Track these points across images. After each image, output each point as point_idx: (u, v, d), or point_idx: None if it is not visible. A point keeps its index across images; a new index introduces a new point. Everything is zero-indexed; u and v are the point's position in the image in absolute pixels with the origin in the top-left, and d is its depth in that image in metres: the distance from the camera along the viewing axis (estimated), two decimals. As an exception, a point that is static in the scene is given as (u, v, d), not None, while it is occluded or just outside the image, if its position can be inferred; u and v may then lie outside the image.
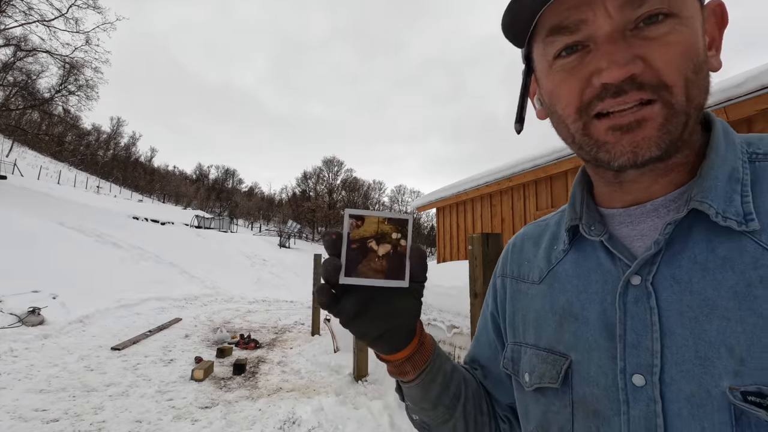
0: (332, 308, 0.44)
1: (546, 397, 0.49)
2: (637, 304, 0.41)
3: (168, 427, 3.49)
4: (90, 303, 7.95)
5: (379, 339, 0.47)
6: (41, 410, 3.69)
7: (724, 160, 0.42)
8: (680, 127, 0.39)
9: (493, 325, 0.64)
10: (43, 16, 19.40)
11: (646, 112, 0.39)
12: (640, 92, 0.38)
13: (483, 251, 2.20)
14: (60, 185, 33.34)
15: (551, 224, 0.59)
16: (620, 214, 0.47)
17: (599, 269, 0.47)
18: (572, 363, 0.46)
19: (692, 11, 0.40)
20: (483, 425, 0.61)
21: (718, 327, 0.37)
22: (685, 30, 0.39)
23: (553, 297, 0.51)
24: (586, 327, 0.46)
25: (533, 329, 0.53)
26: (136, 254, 13.14)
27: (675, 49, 0.38)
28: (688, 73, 0.38)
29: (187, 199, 65.36)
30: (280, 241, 30.68)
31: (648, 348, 0.40)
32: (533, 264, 0.57)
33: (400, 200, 68.12)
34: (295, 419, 3.65)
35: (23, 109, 23.01)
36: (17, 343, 5.57)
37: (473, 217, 7.12)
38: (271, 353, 6.17)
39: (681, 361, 0.38)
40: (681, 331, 0.39)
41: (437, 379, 0.54)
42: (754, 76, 2.91)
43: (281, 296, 13.63)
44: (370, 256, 0.42)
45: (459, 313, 3.31)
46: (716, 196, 0.40)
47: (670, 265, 0.41)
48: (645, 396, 0.39)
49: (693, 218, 0.41)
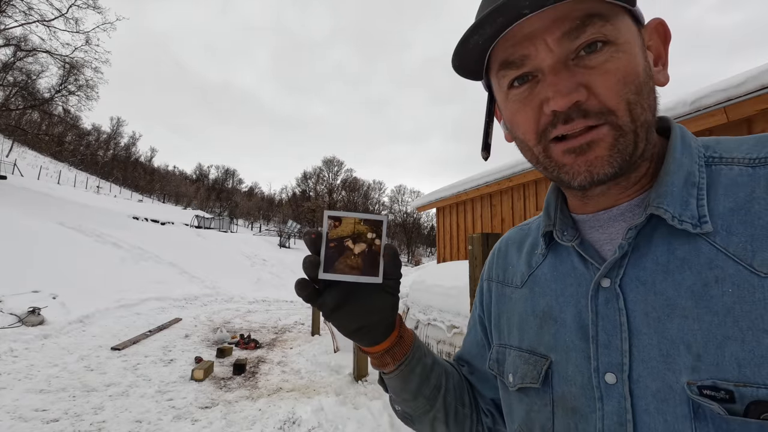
0: (314, 301, 0.47)
1: (528, 396, 0.51)
2: (608, 306, 0.44)
3: (168, 427, 3.49)
4: (90, 303, 7.96)
5: (358, 332, 0.50)
6: (41, 410, 3.69)
7: (680, 166, 0.44)
8: (630, 145, 0.42)
9: (481, 326, 0.67)
10: (43, 16, 19.40)
11: (594, 135, 0.42)
12: (586, 120, 0.41)
13: (483, 251, 2.20)
14: (60, 185, 33.34)
15: (533, 228, 0.61)
16: (590, 219, 0.50)
17: (574, 272, 0.49)
18: (552, 363, 0.48)
19: (629, 36, 0.42)
20: (464, 417, 0.64)
21: (679, 325, 0.39)
22: (622, 56, 0.41)
23: (534, 301, 0.53)
24: (564, 329, 0.48)
25: (517, 331, 0.55)
26: (136, 254, 13.14)
27: (613, 76, 0.41)
28: (629, 96, 0.41)
29: (187, 199, 65.38)
30: (280, 241, 30.67)
31: (618, 347, 0.42)
32: (516, 269, 0.60)
33: (400, 200, 68.08)
34: (295, 419, 3.65)
35: (23, 109, 23.00)
36: (17, 343, 5.57)
37: (473, 217, 7.12)
38: (271, 353, 6.17)
39: (647, 359, 0.40)
40: (646, 331, 0.41)
41: (416, 370, 0.57)
42: (754, 76, 2.91)
43: (281, 296, 13.63)
44: (347, 254, 0.45)
45: (459, 313, 3.31)
46: (672, 200, 0.42)
47: (636, 267, 0.43)
48: (617, 393, 0.41)
49: (655, 222, 0.43)
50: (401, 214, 65.45)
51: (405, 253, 57.94)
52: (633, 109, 0.41)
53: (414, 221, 64.11)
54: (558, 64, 0.42)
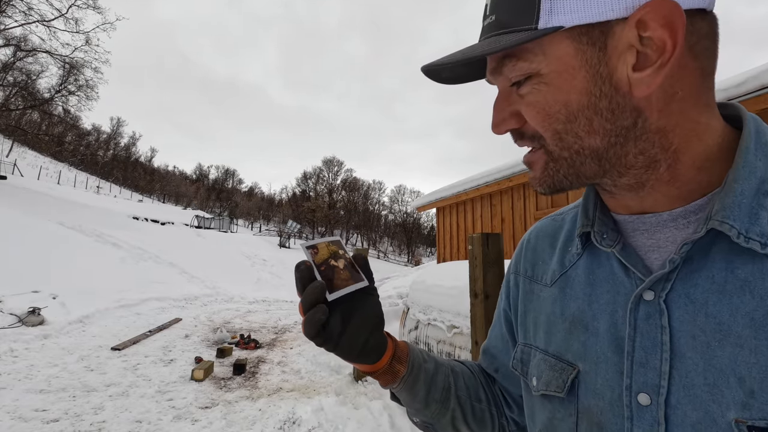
0: (320, 335, 0.47)
1: (552, 404, 0.49)
2: (648, 321, 0.40)
3: (168, 427, 3.49)
4: (90, 303, 7.95)
5: (366, 344, 0.50)
6: (41, 410, 3.68)
7: (753, 170, 0.38)
8: (563, 169, 0.42)
9: (506, 321, 0.64)
10: (43, 17, 19.42)
11: (532, 157, 0.45)
12: (524, 141, 0.44)
13: (483, 251, 2.20)
14: (60, 185, 33.33)
15: (567, 221, 0.57)
16: (634, 221, 0.45)
17: (612, 279, 0.45)
18: (579, 373, 0.46)
19: (557, 64, 0.38)
20: (483, 412, 0.62)
21: (731, 354, 0.35)
22: (543, 88, 0.40)
23: (564, 303, 0.50)
24: (596, 338, 0.45)
25: (543, 333, 0.53)
26: (136, 254, 13.14)
27: (533, 109, 0.41)
28: (556, 125, 0.40)
29: (187, 199, 65.41)
30: (280, 241, 30.69)
31: (656, 368, 0.39)
32: (548, 265, 0.56)
33: (400, 200, 68.10)
34: (295, 419, 3.65)
35: (23, 110, 23.02)
36: (17, 343, 5.56)
37: (473, 217, 7.12)
38: (271, 353, 6.16)
39: (689, 386, 0.37)
40: (692, 355, 0.37)
41: (420, 376, 0.57)
42: (754, 76, 2.91)
43: (281, 296, 13.63)
44: (336, 271, 0.50)
45: (459, 313, 3.31)
46: (739, 214, 0.36)
47: (686, 282, 0.39)
48: (649, 416, 0.38)
49: (715, 234, 0.38)
50: (401, 214, 65.46)
51: (405, 253, 57.91)
52: (563, 137, 0.40)
53: (414, 221, 64.11)
54: (498, 95, 0.45)
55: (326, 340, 0.47)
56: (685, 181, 0.40)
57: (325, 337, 0.47)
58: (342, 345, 0.48)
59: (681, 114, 0.38)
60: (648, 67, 0.37)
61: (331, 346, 0.48)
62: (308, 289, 0.47)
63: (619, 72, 0.37)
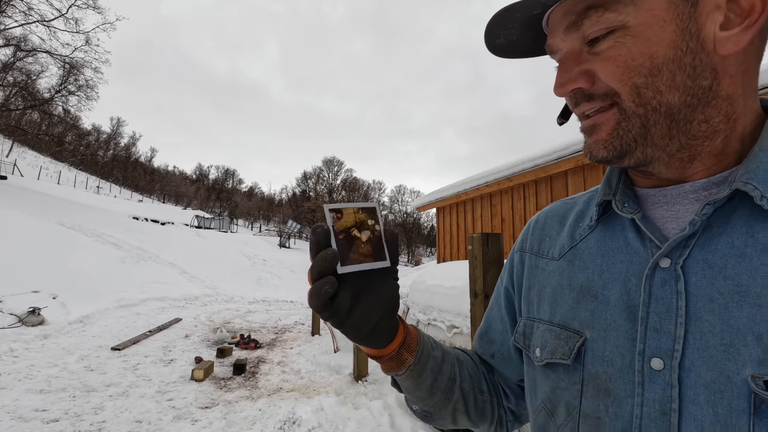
0: (327, 308, 0.43)
1: (555, 372, 0.49)
2: (664, 288, 0.41)
3: (168, 427, 3.49)
4: (90, 303, 7.96)
5: (376, 328, 0.47)
6: (41, 410, 3.68)
7: None
8: (635, 130, 0.41)
9: (506, 300, 0.64)
10: (43, 17, 19.43)
11: (598, 118, 0.43)
12: (591, 103, 0.43)
13: (483, 251, 2.20)
14: (60, 185, 33.35)
15: (579, 202, 0.58)
16: (656, 194, 0.47)
17: (626, 248, 0.46)
18: (587, 341, 0.46)
19: (647, 15, 0.38)
20: (484, 403, 0.62)
21: (749, 314, 0.36)
22: (628, 40, 0.39)
23: (572, 274, 0.51)
24: (605, 306, 0.46)
25: (548, 305, 0.53)
26: (136, 254, 13.14)
27: (614, 63, 0.40)
28: (636, 79, 0.40)
29: (187, 199, 65.42)
30: (280, 241, 30.68)
31: (670, 332, 0.40)
32: (555, 240, 0.57)
33: (400, 200, 68.12)
34: (295, 419, 3.65)
35: (23, 110, 23.02)
36: (17, 343, 5.56)
37: (473, 217, 7.12)
38: (271, 353, 6.17)
39: (704, 347, 0.38)
40: (709, 317, 0.38)
41: (428, 365, 0.55)
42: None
43: (281, 296, 13.63)
44: (357, 244, 0.44)
45: (459, 313, 3.31)
46: (764, 177, 0.38)
47: (704, 249, 0.40)
48: (662, 380, 0.39)
49: (737, 202, 0.40)
50: (401, 214, 65.49)
51: (405, 253, 57.92)
52: (642, 92, 0.40)
53: (414, 221, 64.13)
54: (565, 56, 0.44)
55: (332, 315, 0.44)
56: (729, 153, 0.42)
57: (331, 312, 0.43)
58: (350, 324, 0.45)
59: (745, 86, 0.41)
60: (736, 26, 0.39)
61: (337, 323, 0.45)
62: (319, 257, 0.42)
63: (707, 29, 0.39)
